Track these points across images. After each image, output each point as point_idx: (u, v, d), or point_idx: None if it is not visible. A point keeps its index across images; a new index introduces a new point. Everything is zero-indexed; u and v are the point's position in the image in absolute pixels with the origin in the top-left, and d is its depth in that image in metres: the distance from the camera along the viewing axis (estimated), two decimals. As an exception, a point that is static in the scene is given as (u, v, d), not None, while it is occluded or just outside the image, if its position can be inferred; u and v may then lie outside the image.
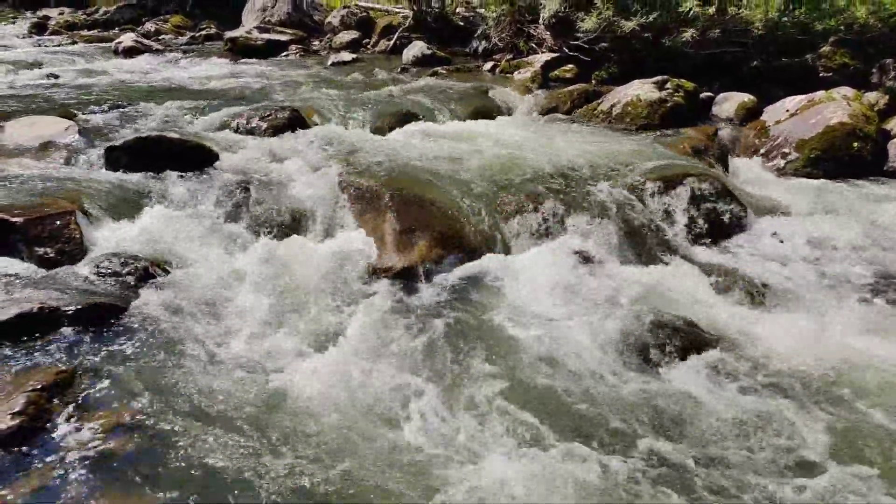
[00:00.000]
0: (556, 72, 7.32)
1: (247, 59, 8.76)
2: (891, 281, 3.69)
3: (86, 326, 2.82)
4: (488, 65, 7.96)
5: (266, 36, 9.58)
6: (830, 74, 6.63)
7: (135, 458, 2.23)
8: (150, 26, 11.49)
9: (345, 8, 10.79)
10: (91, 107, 5.41)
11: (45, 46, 9.86)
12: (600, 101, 6.19)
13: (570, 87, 6.62)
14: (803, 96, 5.74)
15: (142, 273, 3.27)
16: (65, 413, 2.37)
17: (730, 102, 6.19)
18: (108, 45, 9.76)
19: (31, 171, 4.11)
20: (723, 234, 4.25)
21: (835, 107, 5.43)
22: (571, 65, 7.36)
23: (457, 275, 3.57)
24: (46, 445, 2.25)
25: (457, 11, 9.90)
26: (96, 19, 12.64)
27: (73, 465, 2.18)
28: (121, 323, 2.92)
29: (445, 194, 4.04)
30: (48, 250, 3.31)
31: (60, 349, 2.69)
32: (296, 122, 5.22)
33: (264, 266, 3.46)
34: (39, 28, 11.77)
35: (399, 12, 10.28)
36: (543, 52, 7.73)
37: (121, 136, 4.62)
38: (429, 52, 8.33)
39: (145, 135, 4.46)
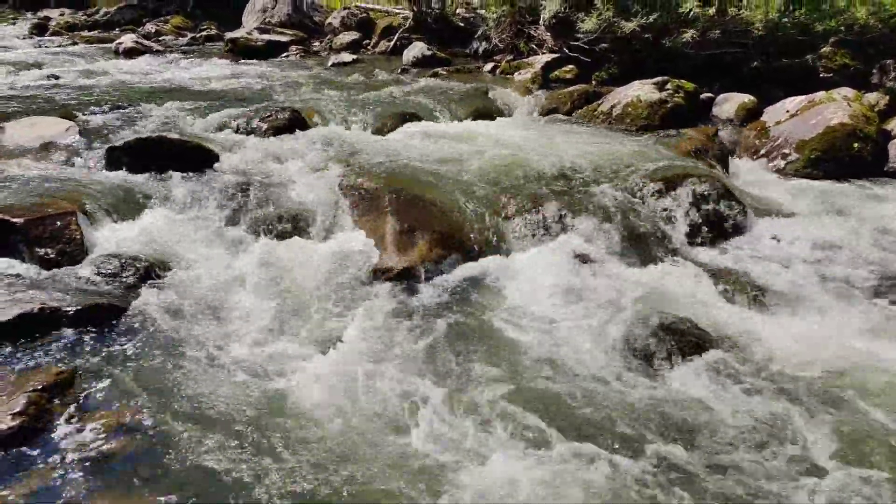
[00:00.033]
0: (556, 72, 7.32)
1: (247, 60, 8.76)
2: (892, 282, 3.68)
3: (86, 327, 2.83)
4: (489, 66, 7.96)
5: (266, 37, 9.59)
6: (831, 75, 6.64)
7: (135, 458, 2.23)
8: (150, 27, 11.48)
9: (345, 9, 10.79)
10: (91, 108, 5.41)
11: (46, 47, 9.85)
12: (600, 101, 6.19)
13: (571, 88, 6.62)
14: (804, 97, 5.74)
15: (142, 274, 3.28)
16: (65, 413, 2.38)
17: (730, 103, 6.19)
18: (108, 45, 9.75)
19: (31, 172, 4.12)
20: (723, 235, 4.24)
21: (835, 107, 5.43)
22: (572, 65, 7.36)
23: (457, 275, 3.57)
24: (47, 446, 2.25)
25: (457, 12, 9.91)
26: (97, 20, 12.62)
27: (74, 465, 2.18)
28: (121, 324, 2.92)
29: (446, 195, 4.04)
30: (49, 251, 3.31)
31: (61, 349, 2.70)
32: (296, 122, 5.22)
33: (264, 267, 3.46)
34: (40, 29, 11.76)
35: (399, 13, 10.29)
36: (544, 53, 7.73)
37: (121, 137, 4.63)
38: (429, 53, 8.33)
39: (146, 135, 4.48)
